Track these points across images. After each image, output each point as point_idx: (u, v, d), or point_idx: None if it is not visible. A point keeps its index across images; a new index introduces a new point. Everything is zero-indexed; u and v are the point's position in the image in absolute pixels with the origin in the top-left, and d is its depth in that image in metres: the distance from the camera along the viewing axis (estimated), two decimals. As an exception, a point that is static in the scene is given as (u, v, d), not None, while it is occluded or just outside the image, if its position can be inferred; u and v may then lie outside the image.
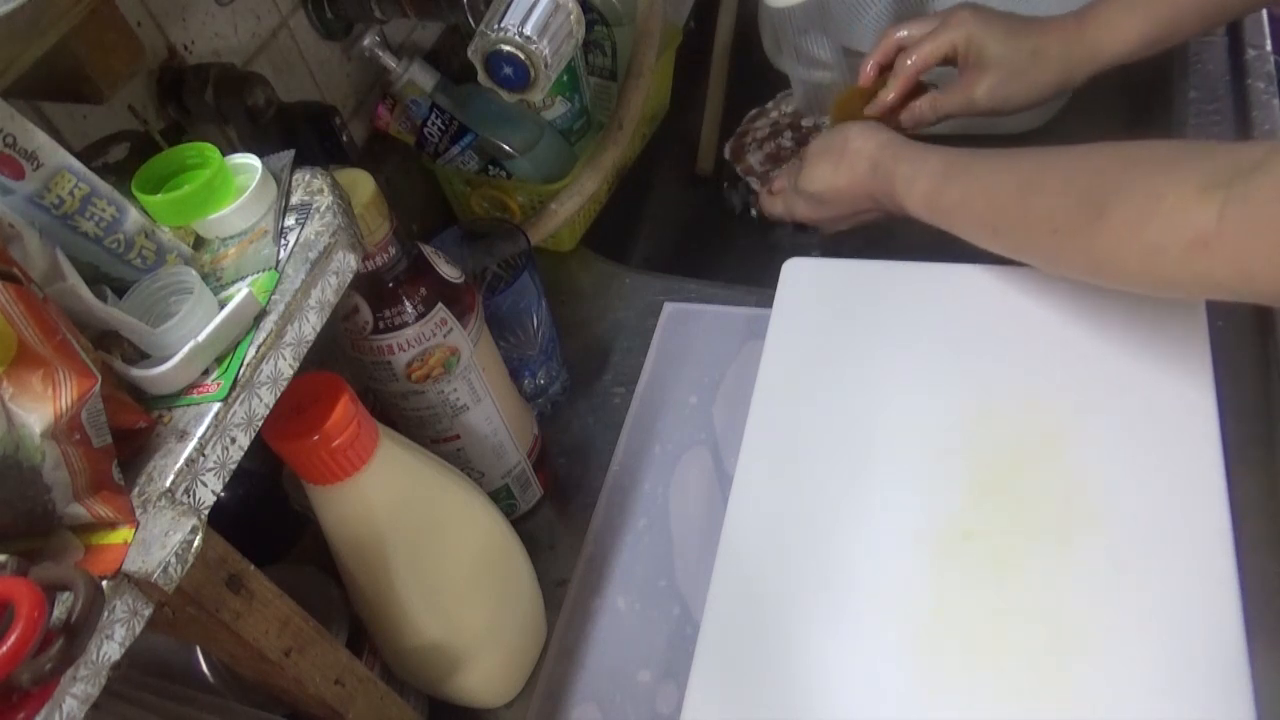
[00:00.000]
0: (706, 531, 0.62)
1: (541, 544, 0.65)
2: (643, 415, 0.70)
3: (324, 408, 0.42)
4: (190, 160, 0.42)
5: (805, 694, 0.47)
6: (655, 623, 0.59)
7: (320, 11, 0.69)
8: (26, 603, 0.25)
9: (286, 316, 0.38)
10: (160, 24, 0.57)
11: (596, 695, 0.57)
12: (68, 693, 0.29)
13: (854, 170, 0.65)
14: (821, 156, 0.68)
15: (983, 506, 0.51)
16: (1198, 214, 0.42)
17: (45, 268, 0.35)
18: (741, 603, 0.51)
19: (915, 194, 0.60)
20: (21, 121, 0.34)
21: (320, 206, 0.42)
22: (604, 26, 0.84)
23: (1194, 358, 0.53)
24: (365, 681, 0.46)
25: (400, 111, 0.77)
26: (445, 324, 0.52)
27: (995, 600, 0.47)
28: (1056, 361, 0.55)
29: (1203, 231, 0.42)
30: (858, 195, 0.65)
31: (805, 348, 0.60)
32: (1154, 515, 0.48)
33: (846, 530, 0.52)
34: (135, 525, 0.32)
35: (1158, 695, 0.43)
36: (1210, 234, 0.42)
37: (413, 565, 0.48)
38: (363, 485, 0.44)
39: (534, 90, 0.62)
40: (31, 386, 0.30)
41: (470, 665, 0.54)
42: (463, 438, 0.58)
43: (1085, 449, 0.51)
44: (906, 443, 0.54)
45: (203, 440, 0.34)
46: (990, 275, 0.60)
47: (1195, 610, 0.45)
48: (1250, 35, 0.77)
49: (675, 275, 0.80)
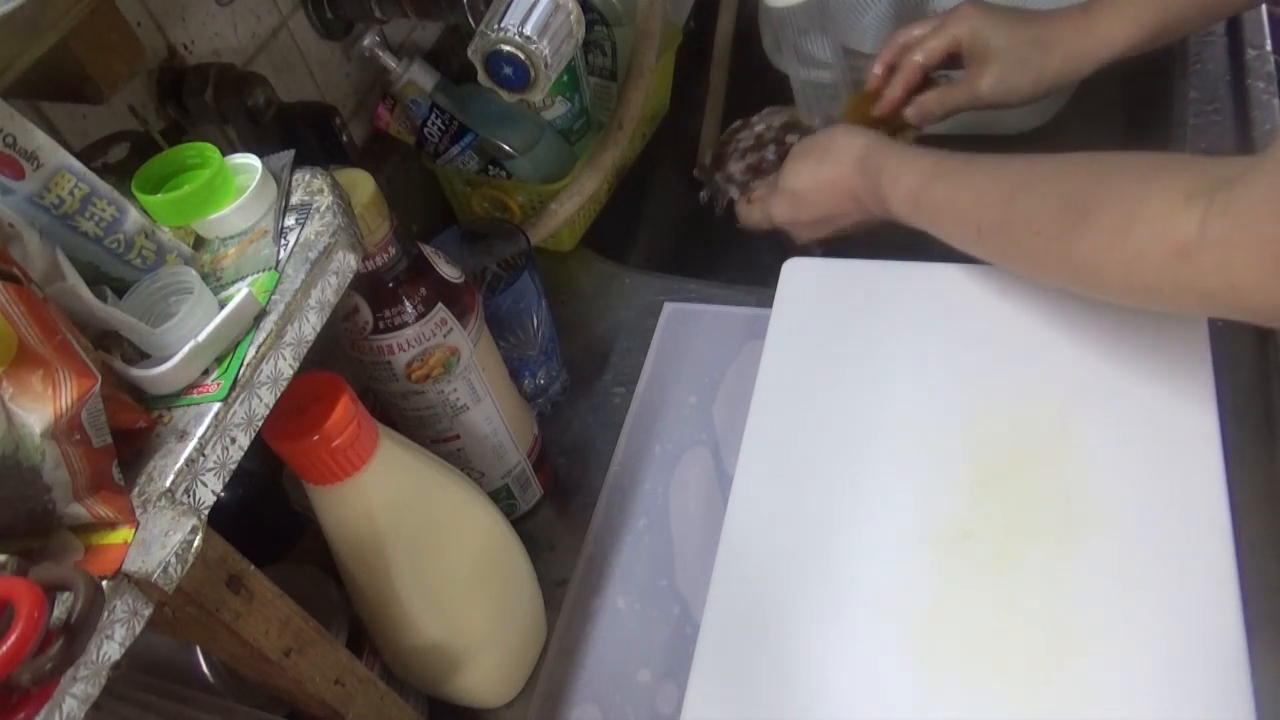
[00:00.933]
0: (706, 531, 0.62)
1: (541, 544, 0.65)
2: (643, 415, 0.70)
3: (324, 408, 0.42)
4: (190, 160, 0.42)
5: (805, 694, 0.47)
6: (655, 623, 0.59)
7: (320, 11, 0.69)
8: (26, 603, 0.25)
9: (286, 316, 0.38)
10: (160, 24, 0.57)
11: (596, 695, 0.57)
12: (68, 693, 0.29)
13: (839, 164, 0.64)
14: (806, 154, 0.67)
15: (983, 506, 0.51)
16: (1180, 222, 0.42)
17: (45, 268, 0.35)
18: (741, 603, 0.51)
19: (900, 190, 0.59)
20: (21, 121, 0.34)
21: (320, 206, 0.42)
22: (604, 26, 0.84)
23: (1194, 357, 0.53)
24: (365, 681, 0.46)
25: (400, 111, 0.77)
26: (445, 324, 0.52)
27: (995, 600, 0.47)
28: (1056, 362, 0.55)
29: (1185, 239, 0.42)
30: (840, 192, 0.65)
31: (805, 348, 0.60)
32: (1154, 515, 0.48)
33: (846, 530, 0.52)
34: (135, 525, 0.32)
35: (1157, 695, 0.43)
36: (1192, 242, 0.41)
37: (413, 565, 0.48)
38: (363, 485, 0.44)
39: (534, 90, 0.62)
40: (31, 386, 0.30)
41: (470, 665, 0.54)
42: (463, 438, 0.58)
43: (1085, 449, 0.51)
44: (906, 443, 0.54)
45: (203, 440, 0.34)
46: (991, 276, 0.60)
47: (1195, 610, 0.45)
48: (1250, 35, 0.77)
49: (675, 275, 0.80)
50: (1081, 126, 0.87)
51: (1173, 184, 0.43)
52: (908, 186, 0.59)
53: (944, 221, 0.57)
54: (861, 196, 0.63)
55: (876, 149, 0.62)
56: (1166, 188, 0.43)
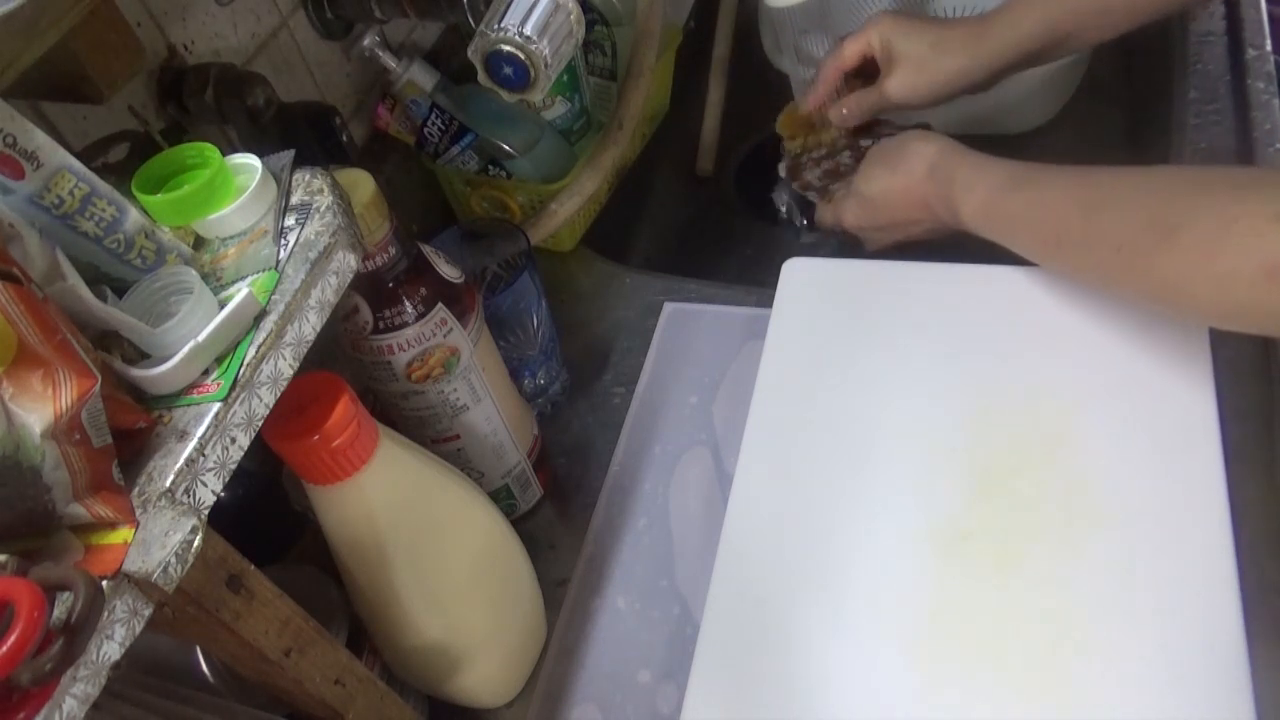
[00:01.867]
0: (706, 531, 0.62)
1: (541, 544, 0.65)
2: (643, 415, 0.70)
3: (324, 408, 0.42)
4: (190, 160, 0.42)
5: (805, 694, 0.47)
6: (655, 623, 0.59)
7: (320, 11, 0.69)
8: (26, 603, 0.25)
9: (286, 316, 0.38)
10: (160, 24, 0.57)
11: (596, 695, 0.57)
12: (68, 693, 0.29)
13: (911, 171, 0.63)
14: (880, 159, 0.67)
15: (983, 506, 0.51)
16: (1271, 242, 0.41)
17: (45, 268, 0.35)
18: (741, 603, 0.51)
19: (973, 201, 0.58)
20: (21, 121, 0.34)
21: (320, 206, 0.42)
22: (604, 26, 0.84)
23: (1194, 357, 0.53)
24: (365, 681, 0.46)
25: (400, 111, 0.77)
26: (445, 324, 0.52)
27: (995, 600, 0.47)
28: (1056, 361, 0.55)
29: (1277, 261, 0.41)
30: (912, 200, 0.64)
31: (805, 348, 0.60)
32: (1154, 515, 0.48)
33: (847, 530, 0.52)
34: (135, 525, 0.32)
35: (1157, 695, 0.43)
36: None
37: (413, 565, 0.48)
38: (363, 485, 0.44)
39: (534, 90, 0.62)
40: (31, 386, 0.30)
41: (470, 665, 0.54)
42: (463, 438, 0.58)
43: (1085, 449, 0.51)
44: (906, 443, 0.54)
45: (203, 440, 0.34)
46: (991, 275, 0.60)
47: (1195, 610, 0.45)
48: (1250, 35, 0.77)
49: (675, 275, 0.80)
50: (1082, 126, 0.87)
51: (1264, 203, 0.42)
52: (981, 198, 0.58)
53: (1019, 234, 0.56)
54: (933, 205, 0.62)
55: (950, 156, 0.61)
56: (1258, 206, 0.42)
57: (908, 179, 0.63)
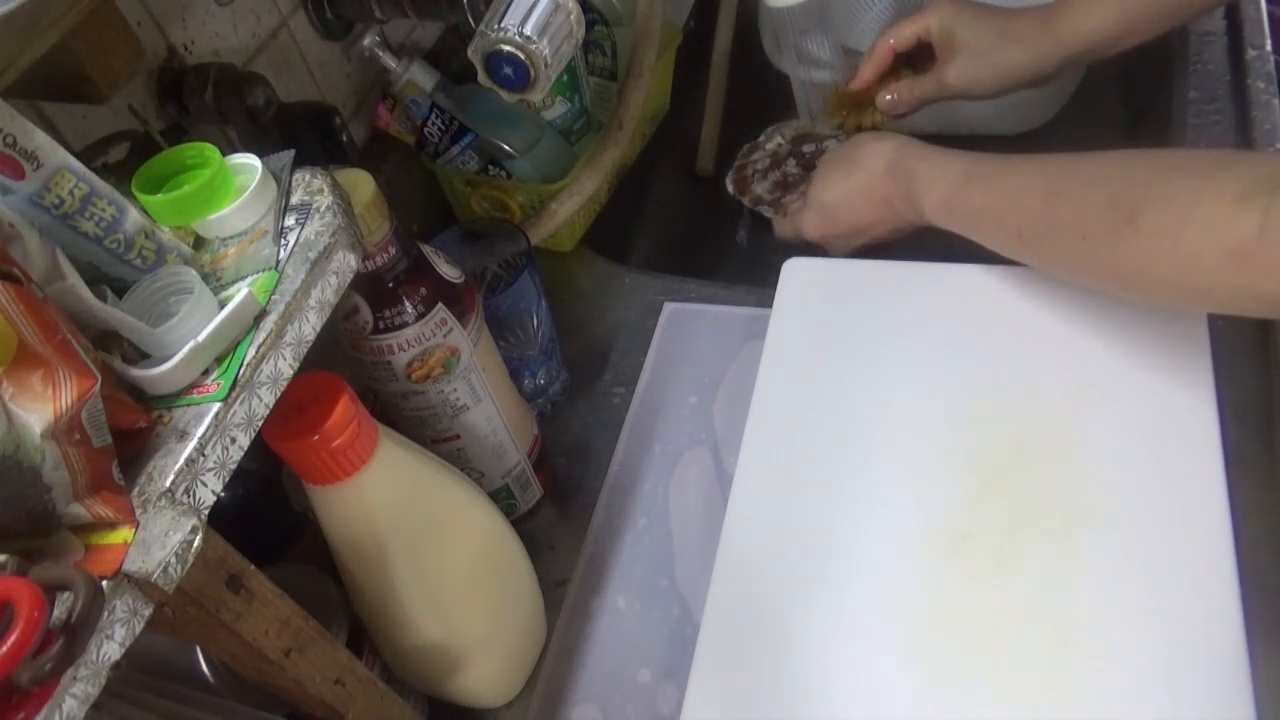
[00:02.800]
0: (706, 531, 0.62)
1: (541, 544, 0.65)
2: (643, 415, 0.70)
3: (324, 408, 0.42)
4: (190, 160, 0.42)
5: (805, 694, 0.47)
6: (655, 623, 0.59)
7: (320, 11, 0.69)
8: (26, 603, 0.25)
9: (286, 316, 0.38)
10: (160, 24, 0.57)
11: (596, 695, 0.57)
12: (68, 693, 0.29)
13: (871, 170, 0.62)
14: (834, 164, 0.66)
15: (983, 506, 0.51)
16: (1237, 223, 0.41)
17: (45, 268, 0.35)
18: (741, 603, 0.51)
19: (935, 196, 0.58)
20: (21, 121, 0.34)
21: (320, 206, 0.42)
22: (604, 26, 0.84)
23: (1194, 357, 0.53)
24: (365, 681, 0.46)
25: (400, 111, 0.77)
26: (445, 324, 0.52)
27: (995, 600, 0.47)
28: (1056, 361, 0.55)
29: (1242, 241, 0.40)
30: (873, 200, 0.63)
31: (805, 348, 0.60)
32: (1154, 515, 0.48)
33: (846, 530, 0.52)
34: (135, 525, 0.32)
35: (1158, 695, 0.43)
36: (1250, 244, 0.40)
37: (413, 565, 0.48)
38: (363, 485, 0.44)
39: (534, 90, 0.62)
40: (31, 386, 0.30)
41: (470, 665, 0.54)
42: (463, 438, 0.58)
43: (1085, 449, 0.51)
44: (906, 442, 0.54)
45: (203, 440, 0.34)
46: (990, 275, 0.60)
47: (1195, 610, 0.45)
48: (1250, 35, 0.77)
49: (675, 275, 0.80)
50: (1081, 126, 0.87)
51: (1226, 184, 0.42)
52: (943, 193, 0.57)
53: (983, 227, 0.56)
54: (895, 203, 0.62)
55: (907, 153, 0.61)
56: (1220, 187, 0.42)
57: (867, 178, 0.63)
